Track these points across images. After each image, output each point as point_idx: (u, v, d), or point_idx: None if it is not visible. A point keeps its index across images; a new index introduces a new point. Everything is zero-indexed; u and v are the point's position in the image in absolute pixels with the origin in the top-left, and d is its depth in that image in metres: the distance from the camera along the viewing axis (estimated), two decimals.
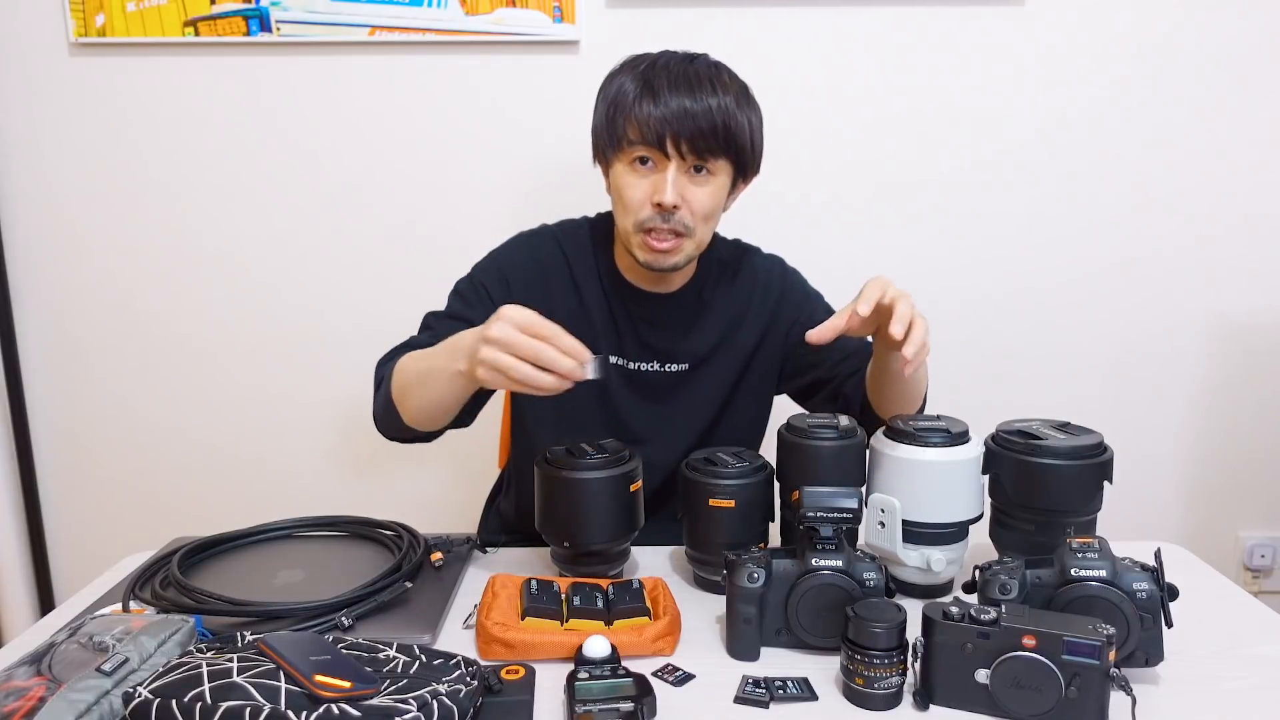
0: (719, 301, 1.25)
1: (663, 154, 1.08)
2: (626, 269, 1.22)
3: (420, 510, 1.89)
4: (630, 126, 1.08)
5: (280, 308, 1.79)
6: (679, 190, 1.08)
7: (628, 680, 0.77)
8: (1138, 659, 0.81)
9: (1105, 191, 1.77)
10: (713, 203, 1.11)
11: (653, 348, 1.23)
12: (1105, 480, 0.96)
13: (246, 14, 1.65)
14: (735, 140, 1.09)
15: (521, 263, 1.23)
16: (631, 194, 1.10)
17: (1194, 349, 1.84)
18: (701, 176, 1.10)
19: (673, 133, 1.06)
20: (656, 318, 1.23)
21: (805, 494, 0.89)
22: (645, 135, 1.07)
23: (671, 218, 1.08)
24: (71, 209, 1.74)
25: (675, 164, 1.08)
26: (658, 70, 1.08)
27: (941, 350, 1.81)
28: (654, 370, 1.23)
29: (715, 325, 1.24)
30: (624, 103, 1.08)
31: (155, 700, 0.68)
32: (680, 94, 1.06)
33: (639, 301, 1.22)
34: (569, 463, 1.00)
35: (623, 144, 1.09)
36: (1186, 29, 1.70)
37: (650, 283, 1.21)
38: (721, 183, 1.11)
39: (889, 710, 0.79)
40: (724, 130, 1.07)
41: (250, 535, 1.11)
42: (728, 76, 1.11)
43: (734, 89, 1.10)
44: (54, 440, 1.84)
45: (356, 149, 1.73)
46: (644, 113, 1.06)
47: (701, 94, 1.06)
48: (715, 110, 1.06)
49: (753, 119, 1.12)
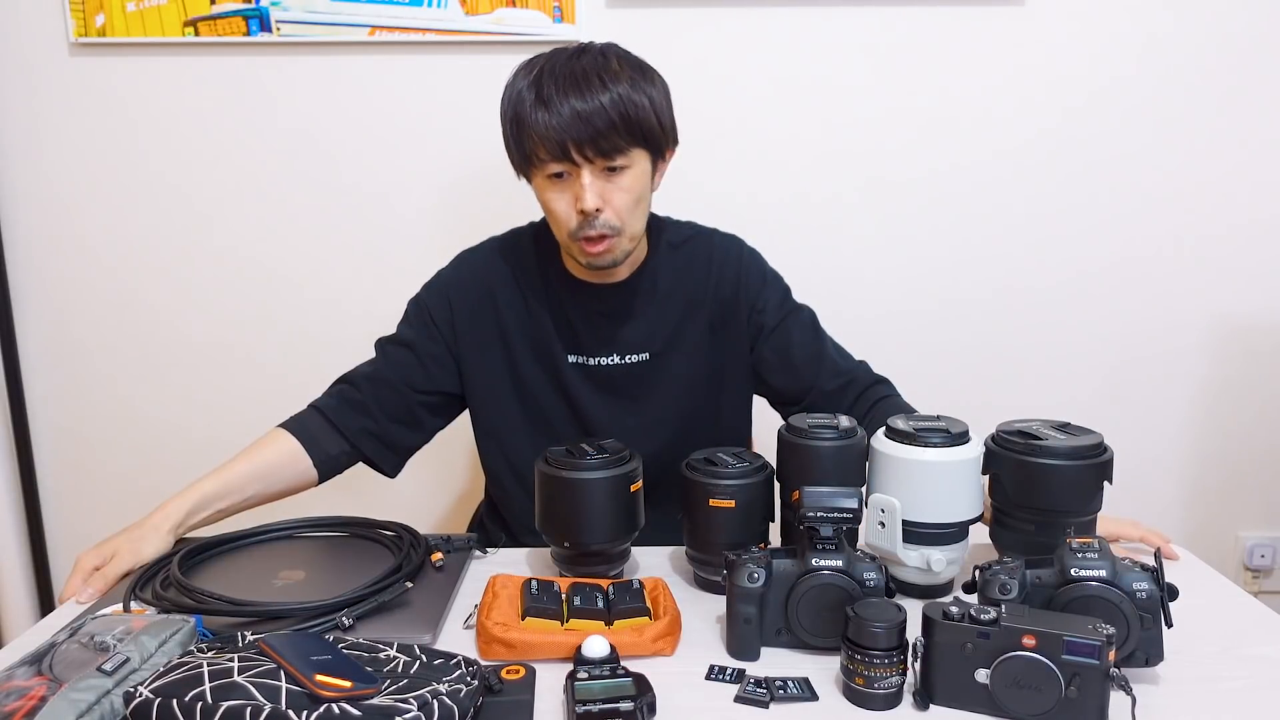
0: (671, 284, 1.24)
1: (572, 163, 1.07)
2: (573, 266, 1.22)
3: (421, 510, 1.89)
4: (535, 144, 1.08)
5: (280, 307, 1.79)
6: (597, 193, 1.08)
7: (627, 680, 0.77)
8: (1138, 659, 0.81)
9: (1105, 191, 1.77)
10: (633, 195, 1.11)
11: (610, 339, 1.23)
12: (1105, 480, 0.96)
13: (246, 14, 1.65)
14: (638, 125, 1.08)
15: (463, 281, 1.25)
16: (557, 208, 1.11)
17: (1194, 349, 1.84)
18: (617, 173, 1.09)
19: (574, 140, 1.05)
20: (608, 308, 1.23)
21: (805, 494, 0.89)
22: (551, 151, 1.07)
23: (596, 221, 1.09)
24: (71, 209, 1.74)
25: (587, 169, 1.08)
26: (545, 76, 1.07)
27: (942, 350, 1.82)
28: (615, 364, 1.23)
29: (670, 310, 1.24)
30: (523, 116, 1.08)
31: (156, 700, 0.69)
32: (570, 97, 1.05)
33: (590, 295, 1.22)
34: (569, 463, 1.00)
35: (533, 161, 1.10)
36: (1186, 29, 1.70)
37: (598, 275, 1.21)
38: (640, 170, 1.11)
39: (889, 710, 0.79)
40: (623, 122, 1.06)
41: (250, 535, 1.11)
42: (617, 63, 1.09)
43: (625, 74, 1.08)
44: (54, 440, 1.84)
45: (356, 149, 1.73)
46: (541, 126, 1.06)
47: (591, 92, 1.05)
48: (609, 105, 1.05)
49: (653, 95, 1.10)
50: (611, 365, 1.23)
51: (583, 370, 1.23)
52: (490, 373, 1.24)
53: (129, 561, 1.04)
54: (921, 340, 1.82)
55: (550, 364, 1.23)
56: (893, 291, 1.80)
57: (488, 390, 1.25)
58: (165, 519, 1.09)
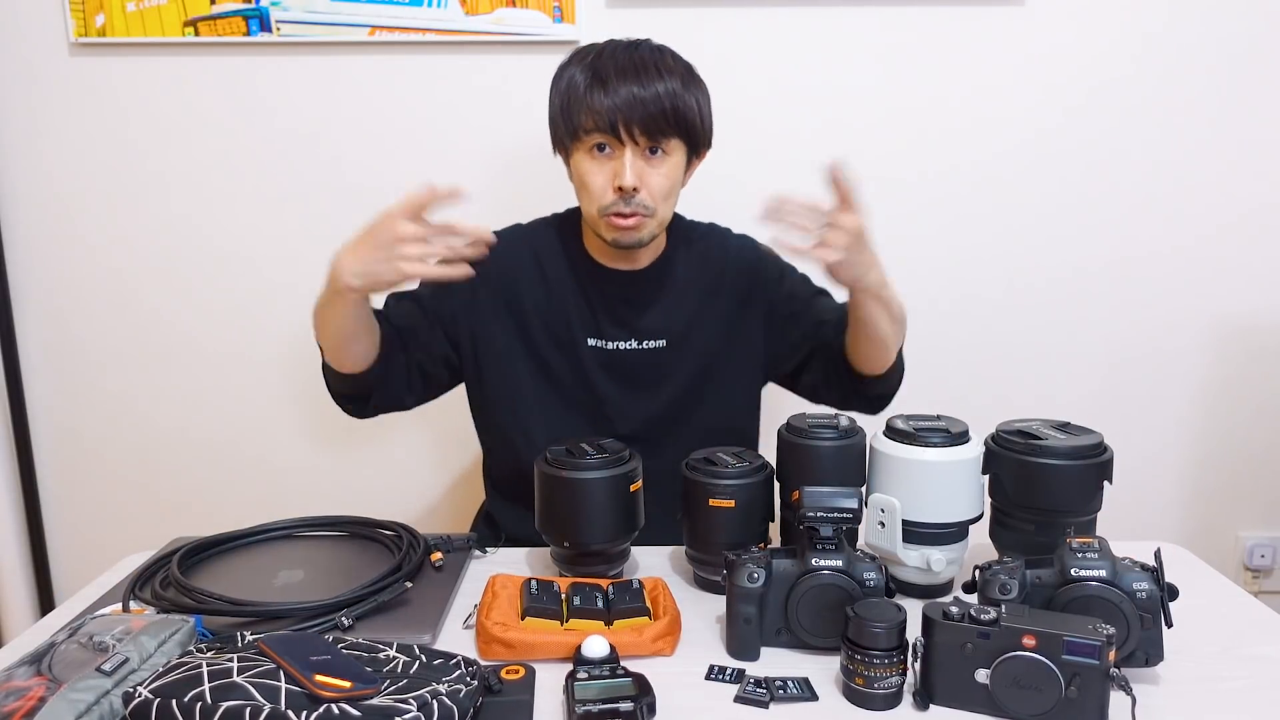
0: (690, 273, 1.28)
1: (618, 140, 1.12)
2: (595, 251, 1.26)
3: (420, 510, 1.89)
4: (585, 116, 1.12)
5: (280, 307, 1.79)
6: (637, 173, 1.12)
7: (627, 680, 0.77)
8: (1138, 659, 0.81)
9: (1105, 191, 1.77)
10: (669, 182, 1.16)
11: (628, 324, 1.25)
12: (1105, 480, 0.96)
13: (246, 14, 1.65)
14: (684, 120, 1.14)
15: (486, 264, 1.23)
16: (593, 180, 1.15)
17: (1194, 349, 1.83)
18: (657, 158, 1.15)
19: (624, 119, 1.11)
20: (628, 293, 1.26)
21: (805, 494, 0.89)
22: (600, 124, 1.12)
23: (633, 200, 1.13)
24: (71, 209, 1.74)
25: (630, 148, 1.12)
26: (605, 60, 1.14)
27: (942, 349, 1.82)
28: (632, 349, 1.25)
29: (688, 298, 1.27)
30: (576, 94, 1.13)
31: (155, 700, 0.69)
32: (628, 81, 1.11)
33: (610, 280, 1.25)
34: (569, 462, 1.00)
35: (579, 133, 1.14)
36: (1186, 28, 1.70)
37: (620, 261, 1.25)
38: (676, 161, 1.16)
39: (889, 710, 0.79)
40: (673, 112, 1.12)
41: (250, 535, 1.11)
42: (671, 59, 1.16)
43: (679, 71, 1.15)
44: (54, 440, 1.84)
45: (357, 149, 1.73)
46: (596, 102, 1.11)
47: (649, 80, 1.11)
48: (663, 94, 1.11)
49: (699, 98, 1.17)
50: (629, 350, 1.25)
51: (600, 354, 1.25)
52: (508, 351, 1.26)
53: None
54: (921, 339, 1.80)
55: (570, 347, 1.25)
56: None
57: (504, 370, 1.26)
58: None
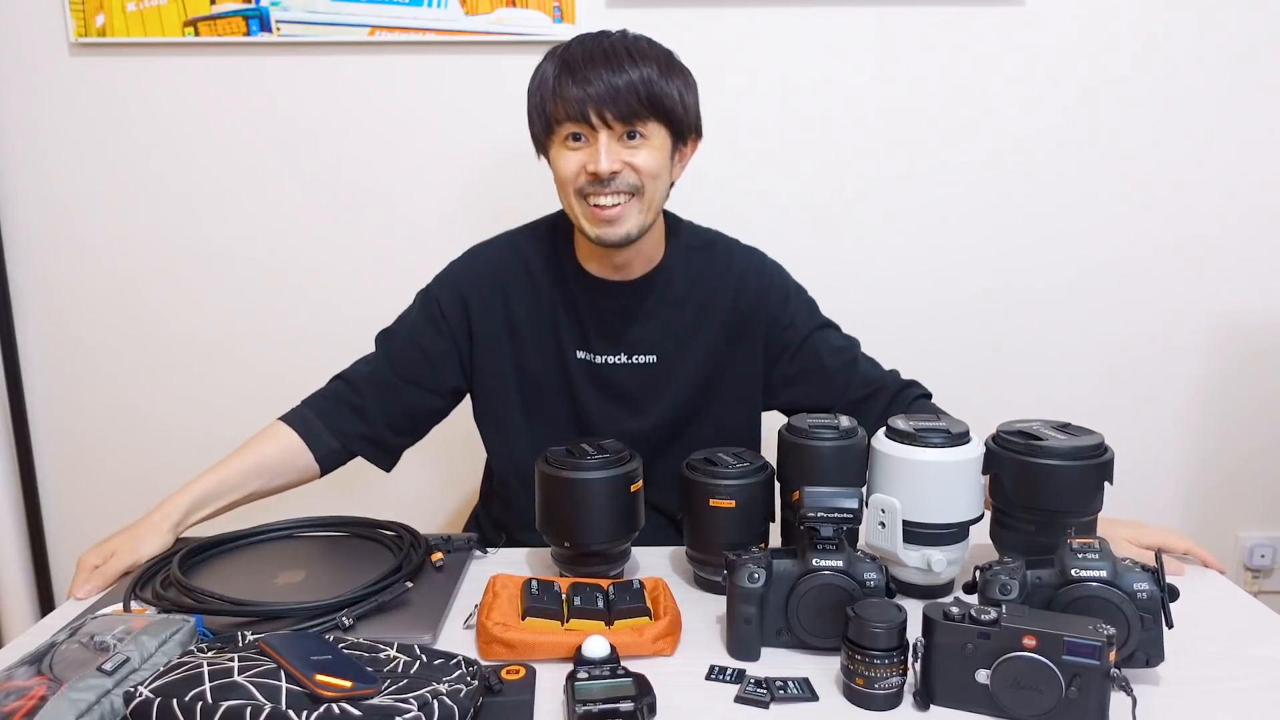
0: (686, 289, 1.23)
1: (590, 127, 1.09)
2: (586, 258, 1.22)
3: (421, 511, 1.89)
4: (556, 106, 1.10)
5: (280, 307, 1.79)
6: (615, 156, 1.09)
7: (627, 680, 0.77)
8: (1138, 659, 0.81)
9: (1105, 191, 1.77)
10: (654, 161, 1.11)
11: (618, 338, 1.22)
12: (1105, 480, 0.96)
13: (246, 14, 1.65)
14: (661, 104, 1.10)
15: (475, 273, 1.25)
16: (565, 165, 1.11)
17: (1194, 349, 1.83)
18: (636, 141, 1.11)
19: (595, 105, 1.07)
20: (620, 306, 1.22)
21: (806, 494, 0.89)
22: (570, 112, 1.08)
23: (611, 182, 1.09)
24: (71, 209, 1.74)
25: (605, 133, 1.09)
26: (574, 50, 1.11)
27: (942, 349, 1.82)
28: (621, 363, 1.22)
29: (682, 314, 1.23)
30: (547, 88, 1.11)
31: (156, 699, 0.69)
32: (598, 67, 1.08)
33: (601, 291, 1.21)
34: (569, 463, 1.00)
35: (552, 125, 1.11)
36: (1186, 28, 1.70)
37: (611, 270, 1.21)
38: (658, 144, 1.12)
39: (889, 710, 0.79)
40: (649, 97, 1.09)
41: (250, 535, 1.11)
42: (646, 45, 1.12)
43: (654, 57, 1.11)
44: (54, 440, 1.84)
45: (357, 149, 1.73)
46: (566, 91, 1.08)
47: (620, 66, 1.08)
48: (638, 81, 1.08)
49: (679, 84, 1.13)
50: (617, 365, 1.22)
51: (588, 368, 1.22)
52: (497, 365, 1.23)
53: (128, 560, 1.04)
54: (921, 339, 1.81)
55: (557, 359, 1.22)
56: (892, 290, 1.80)
57: (494, 382, 1.24)
58: (165, 517, 1.09)
